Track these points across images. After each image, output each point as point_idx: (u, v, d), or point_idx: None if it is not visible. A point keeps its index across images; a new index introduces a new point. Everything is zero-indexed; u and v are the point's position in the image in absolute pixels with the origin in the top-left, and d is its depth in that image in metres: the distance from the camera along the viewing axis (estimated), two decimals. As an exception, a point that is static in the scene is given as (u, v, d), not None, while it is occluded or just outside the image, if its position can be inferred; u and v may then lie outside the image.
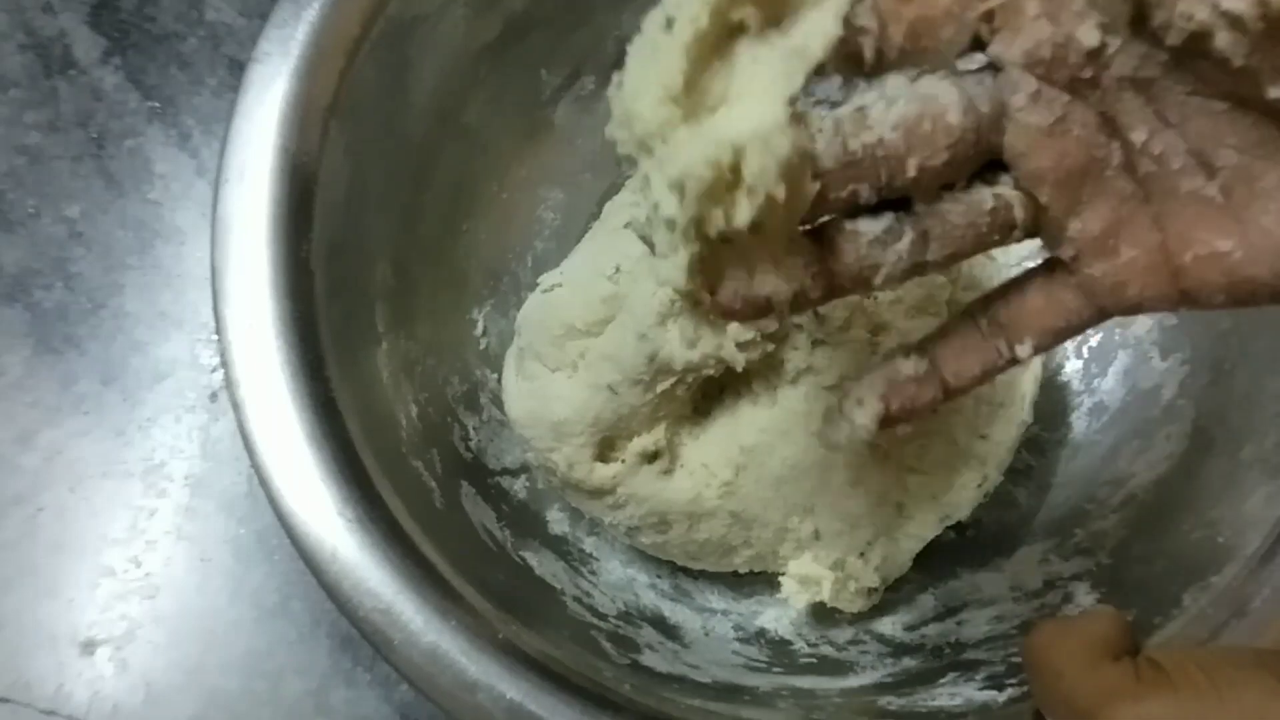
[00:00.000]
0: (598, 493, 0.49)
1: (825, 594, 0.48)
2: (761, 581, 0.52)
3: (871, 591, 0.49)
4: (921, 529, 0.50)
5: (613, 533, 0.51)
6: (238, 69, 0.60)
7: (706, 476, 0.48)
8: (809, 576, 0.48)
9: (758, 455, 0.48)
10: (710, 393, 0.50)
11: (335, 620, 0.54)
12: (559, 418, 0.48)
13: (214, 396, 0.57)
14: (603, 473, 0.48)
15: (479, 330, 0.53)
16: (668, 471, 0.49)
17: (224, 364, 0.40)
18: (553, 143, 0.55)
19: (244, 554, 0.55)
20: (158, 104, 0.61)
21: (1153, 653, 0.29)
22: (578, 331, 0.48)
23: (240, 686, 0.53)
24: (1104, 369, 0.53)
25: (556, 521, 0.52)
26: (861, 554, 0.49)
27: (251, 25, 0.61)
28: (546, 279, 0.51)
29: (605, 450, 0.49)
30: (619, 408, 0.47)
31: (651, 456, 0.49)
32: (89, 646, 0.54)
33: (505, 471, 0.51)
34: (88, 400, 0.57)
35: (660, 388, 0.47)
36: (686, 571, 0.52)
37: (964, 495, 0.50)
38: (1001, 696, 0.41)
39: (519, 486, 0.52)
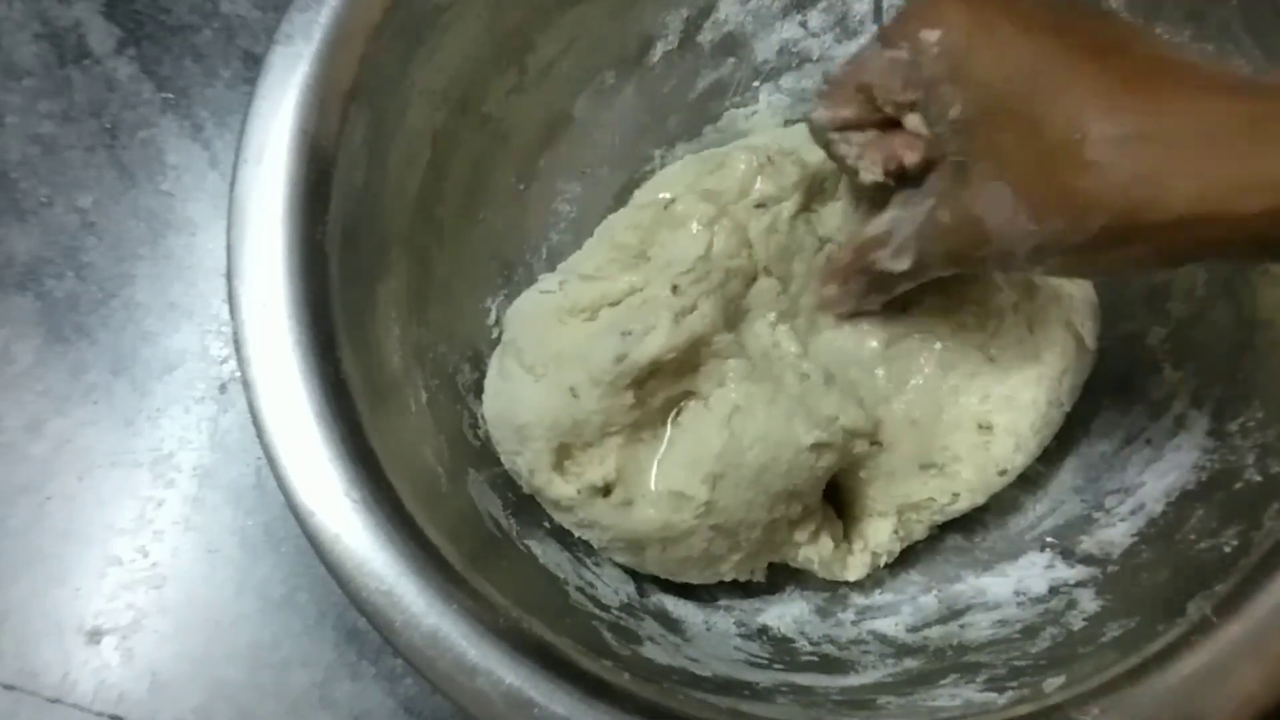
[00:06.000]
0: (557, 507, 0.48)
1: (842, 559, 0.48)
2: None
3: (876, 555, 0.49)
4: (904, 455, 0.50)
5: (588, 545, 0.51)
6: (252, 61, 0.61)
7: (678, 503, 0.47)
8: (822, 558, 0.48)
9: (728, 456, 0.47)
10: (663, 418, 0.49)
11: (341, 613, 0.54)
12: (521, 420, 0.47)
13: (223, 388, 0.57)
14: (560, 489, 0.47)
15: (491, 319, 0.53)
16: (627, 503, 0.48)
17: (236, 342, 0.40)
18: (571, 136, 0.55)
19: (251, 545, 0.55)
20: (171, 95, 0.61)
21: None
22: (560, 328, 0.48)
23: (245, 678, 0.53)
24: (1115, 377, 0.52)
25: (561, 513, 0.52)
26: None
27: (266, 18, 0.62)
28: (547, 281, 0.51)
29: (562, 459, 0.48)
30: (575, 413, 0.46)
31: (604, 490, 0.48)
32: (95, 635, 0.54)
33: (512, 461, 0.51)
34: (97, 390, 0.57)
35: (619, 390, 0.46)
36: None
37: (959, 440, 0.50)
38: (1001, 699, 0.40)
39: (526, 477, 0.51)
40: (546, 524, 0.50)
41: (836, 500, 0.52)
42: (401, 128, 0.46)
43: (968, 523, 0.52)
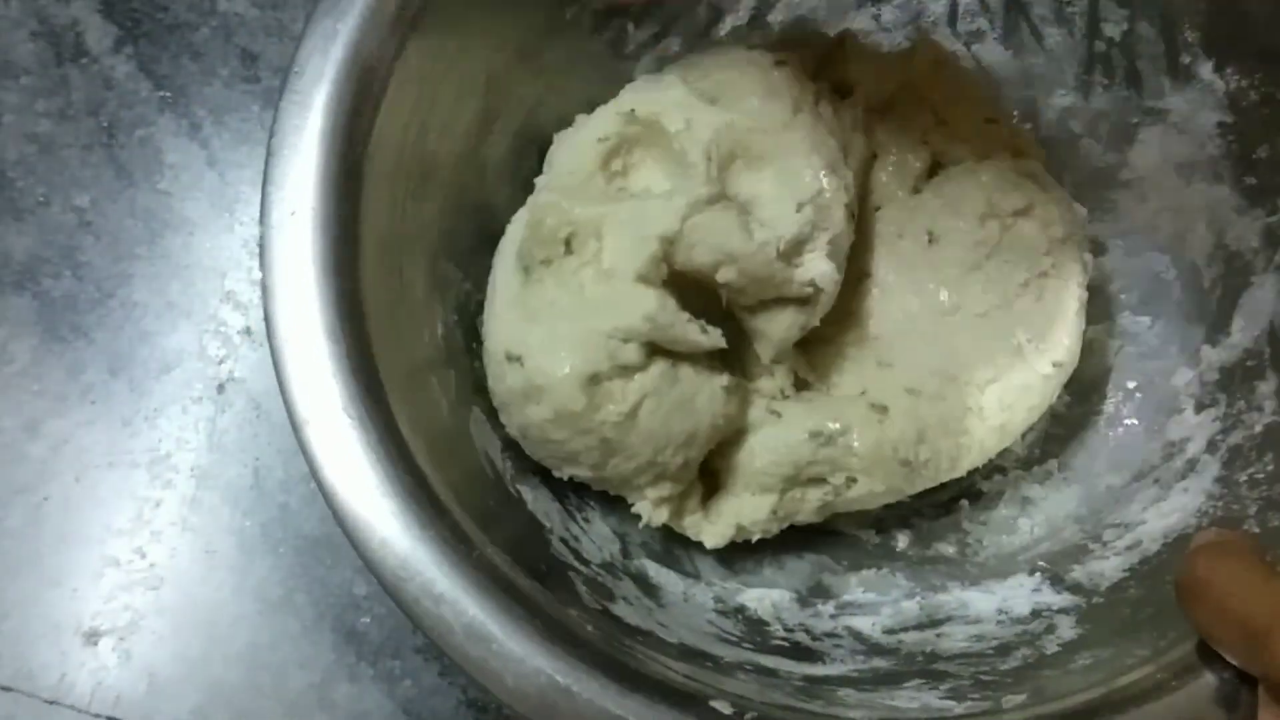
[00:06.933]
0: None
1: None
2: (751, 560, 0.51)
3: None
4: None
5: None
6: (250, 60, 0.61)
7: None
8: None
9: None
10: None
11: (339, 615, 0.54)
12: None
13: (220, 388, 0.57)
14: None
15: None
16: None
17: (261, 247, 0.41)
18: (627, 97, 0.55)
19: (249, 547, 0.55)
20: (169, 94, 0.61)
21: None
22: None
23: (243, 679, 0.53)
24: (1134, 414, 0.53)
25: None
26: None
27: (264, 16, 0.61)
28: None
29: None
30: None
31: None
32: (93, 637, 0.54)
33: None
34: (95, 390, 0.57)
35: None
36: (681, 539, 0.51)
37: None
38: (959, 708, 0.40)
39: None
40: (542, 473, 0.49)
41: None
42: (458, 66, 0.47)
43: (961, 536, 0.52)
